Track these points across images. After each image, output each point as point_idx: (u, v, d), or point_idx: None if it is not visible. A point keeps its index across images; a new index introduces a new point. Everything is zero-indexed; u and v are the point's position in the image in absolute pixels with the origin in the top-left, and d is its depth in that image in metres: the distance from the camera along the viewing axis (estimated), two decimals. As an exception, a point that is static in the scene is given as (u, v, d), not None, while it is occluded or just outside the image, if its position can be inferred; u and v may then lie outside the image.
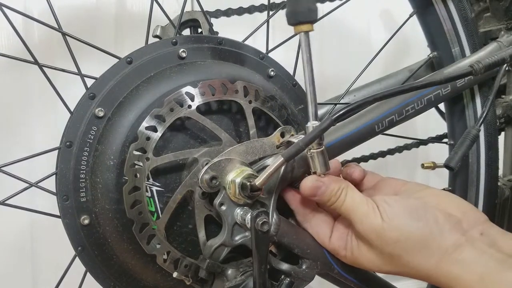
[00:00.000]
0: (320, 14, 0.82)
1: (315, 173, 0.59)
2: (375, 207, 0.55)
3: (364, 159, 1.03)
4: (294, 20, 0.53)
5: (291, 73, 0.74)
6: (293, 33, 0.76)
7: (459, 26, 0.89)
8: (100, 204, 0.58)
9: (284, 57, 0.76)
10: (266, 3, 0.80)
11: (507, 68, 0.92)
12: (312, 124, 0.57)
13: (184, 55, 0.65)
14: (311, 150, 0.58)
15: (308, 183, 0.58)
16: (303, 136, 0.59)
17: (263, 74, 0.70)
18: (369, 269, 0.59)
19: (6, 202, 0.61)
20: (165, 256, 0.58)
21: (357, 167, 0.65)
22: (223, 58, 0.68)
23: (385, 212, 0.55)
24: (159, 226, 0.58)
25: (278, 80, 0.72)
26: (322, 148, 0.58)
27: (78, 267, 0.61)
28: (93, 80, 0.61)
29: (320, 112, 0.83)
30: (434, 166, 0.99)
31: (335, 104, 0.85)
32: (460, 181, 0.98)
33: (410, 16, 0.92)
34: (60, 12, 0.65)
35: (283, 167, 0.58)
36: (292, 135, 0.63)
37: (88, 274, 0.61)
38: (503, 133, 1.02)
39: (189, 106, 0.59)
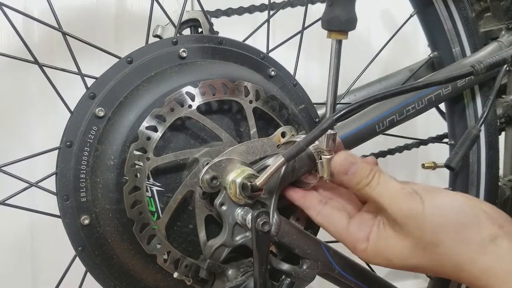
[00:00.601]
0: (319, 14, 0.82)
1: (321, 177, 0.59)
2: (412, 192, 0.52)
3: (365, 159, 1.03)
4: (332, 26, 0.52)
5: (292, 73, 0.74)
6: (293, 33, 0.78)
7: (459, 26, 0.89)
8: (101, 204, 0.58)
9: (285, 57, 0.76)
10: (266, 2, 0.80)
11: (507, 68, 0.92)
12: (330, 132, 0.56)
13: (184, 55, 0.64)
14: (323, 156, 0.58)
15: (341, 158, 0.55)
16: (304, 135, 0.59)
17: (263, 74, 0.70)
18: (391, 262, 0.54)
19: (6, 202, 0.61)
20: (165, 256, 0.58)
21: (371, 157, 0.63)
22: (224, 58, 0.68)
23: (424, 195, 0.51)
24: (160, 226, 0.58)
25: (278, 80, 0.71)
26: (333, 156, 0.58)
27: (78, 267, 0.61)
28: (94, 80, 0.61)
29: (320, 112, 0.83)
30: (434, 166, 0.99)
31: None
32: (460, 181, 0.98)
33: (411, 16, 0.93)
34: (60, 12, 0.65)
35: (283, 167, 0.58)
36: (293, 135, 0.63)
37: (88, 274, 0.61)
38: (503, 133, 1.02)
39: (190, 106, 0.59)
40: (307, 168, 0.61)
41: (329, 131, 0.56)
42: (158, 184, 0.59)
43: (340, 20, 0.51)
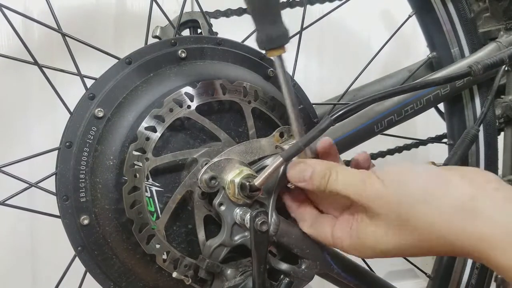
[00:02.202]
0: (319, 14, 0.83)
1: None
2: (370, 174, 0.52)
3: (364, 159, 1.03)
4: (266, 46, 0.53)
5: (290, 73, 0.74)
6: (292, 33, 0.78)
7: (458, 26, 0.89)
8: (100, 204, 0.58)
9: (284, 58, 0.76)
10: (265, 3, 0.80)
11: (506, 68, 0.92)
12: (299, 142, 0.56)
13: (183, 55, 0.65)
14: None
15: (292, 168, 0.55)
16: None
17: (262, 74, 0.70)
18: (379, 251, 0.53)
19: (6, 202, 0.61)
20: (164, 256, 0.58)
21: (363, 153, 0.61)
22: (223, 58, 0.68)
23: (382, 175, 0.51)
24: (159, 226, 0.58)
25: (277, 80, 0.71)
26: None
27: (78, 267, 0.61)
28: (93, 81, 0.61)
29: (319, 112, 0.83)
30: (433, 166, 0.99)
31: (335, 104, 0.85)
32: (459, 181, 0.98)
33: (410, 16, 0.93)
34: (60, 13, 0.65)
35: (282, 167, 0.58)
36: (291, 135, 0.63)
37: (88, 274, 0.61)
38: (502, 133, 1.02)
39: (189, 106, 0.59)
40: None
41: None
42: (157, 184, 0.59)
43: (276, 37, 0.51)
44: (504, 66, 0.86)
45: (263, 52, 0.54)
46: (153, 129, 0.58)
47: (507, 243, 0.44)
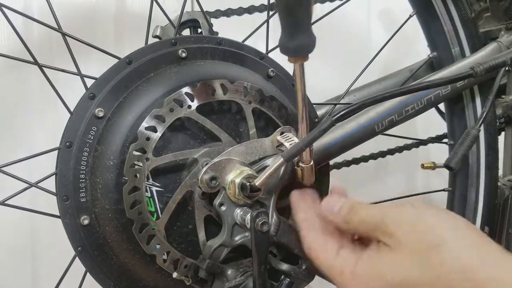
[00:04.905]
0: (320, 14, 0.83)
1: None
2: (404, 203, 0.51)
3: (364, 159, 1.03)
4: (291, 53, 0.50)
5: (291, 73, 0.74)
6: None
7: (459, 26, 0.89)
8: (100, 204, 0.58)
9: (284, 57, 0.76)
10: (266, 3, 0.80)
11: (507, 69, 0.92)
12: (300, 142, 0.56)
13: (184, 55, 0.64)
14: (300, 164, 0.58)
15: (325, 202, 0.54)
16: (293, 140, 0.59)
17: (262, 74, 0.70)
18: (384, 279, 0.48)
19: (6, 202, 0.61)
20: (165, 257, 0.58)
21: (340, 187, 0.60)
22: (223, 58, 0.68)
23: (417, 203, 0.50)
24: (159, 226, 0.58)
25: (277, 80, 0.72)
26: (311, 164, 0.58)
27: (78, 267, 0.61)
28: (93, 80, 0.61)
29: (320, 112, 0.83)
30: (434, 166, 0.99)
31: (335, 105, 0.85)
32: (460, 181, 0.98)
33: (410, 16, 0.93)
34: (60, 12, 0.65)
35: (282, 168, 0.58)
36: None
37: (88, 274, 0.61)
38: (503, 133, 1.02)
39: (189, 107, 0.59)
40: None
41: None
42: (157, 184, 0.59)
43: (304, 46, 0.49)
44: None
45: (288, 56, 0.51)
46: (154, 129, 0.57)
47: None
